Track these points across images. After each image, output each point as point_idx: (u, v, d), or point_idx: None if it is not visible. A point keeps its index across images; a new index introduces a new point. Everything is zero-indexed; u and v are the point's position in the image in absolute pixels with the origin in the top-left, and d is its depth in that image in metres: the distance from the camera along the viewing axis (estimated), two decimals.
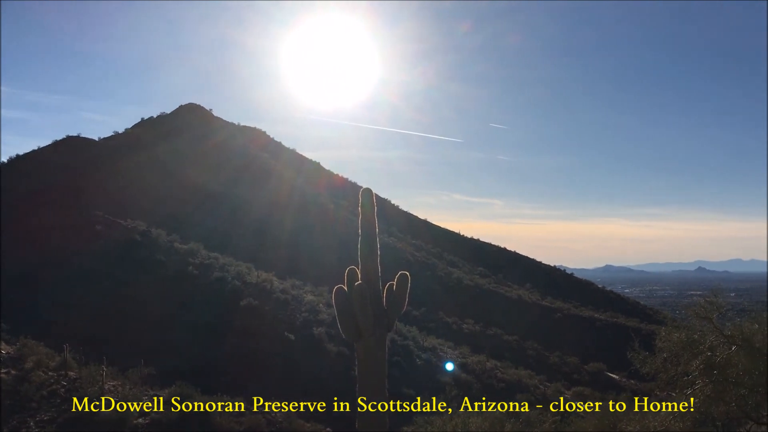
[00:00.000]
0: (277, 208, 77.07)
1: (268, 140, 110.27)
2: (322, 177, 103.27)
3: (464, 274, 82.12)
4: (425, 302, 60.31)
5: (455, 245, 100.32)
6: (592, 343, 65.03)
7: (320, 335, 38.86)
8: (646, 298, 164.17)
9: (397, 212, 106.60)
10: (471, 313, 65.22)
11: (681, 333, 12.18)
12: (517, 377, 44.59)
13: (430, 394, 34.14)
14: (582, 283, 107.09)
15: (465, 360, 45.00)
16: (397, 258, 70.47)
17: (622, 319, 79.35)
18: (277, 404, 25.38)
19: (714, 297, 12.35)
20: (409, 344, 42.49)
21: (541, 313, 74.54)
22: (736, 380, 11.47)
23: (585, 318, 76.60)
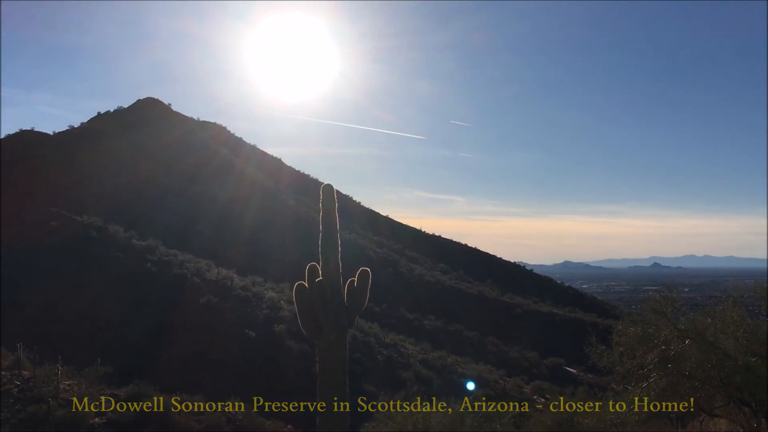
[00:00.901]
0: (237, 204, 76.34)
1: (228, 136, 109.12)
2: (284, 173, 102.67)
3: (426, 271, 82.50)
4: (387, 298, 60.41)
5: (417, 242, 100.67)
6: (551, 338, 65.96)
7: (281, 332, 38.64)
8: (603, 294, 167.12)
9: (359, 209, 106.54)
10: (432, 310, 65.55)
11: (637, 327, 12.43)
12: (477, 372, 45.01)
13: (392, 390, 34.28)
14: (541, 279, 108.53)
15: (426, 356, 45.25)
16: (359, 254, 70.45)
17: (580, 314, 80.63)
18: (238, 402, 25.16)
19: (668, 292, 12.62)
20: (371, 341, 42.56)
21: (502, 309, 75.31)
22: (689, 373, 11.74)
23: (544, 313, 77.64)
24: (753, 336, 11.55)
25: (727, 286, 15.48)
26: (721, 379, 11.40)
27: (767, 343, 11.36)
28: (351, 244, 73.81)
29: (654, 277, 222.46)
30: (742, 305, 13.03)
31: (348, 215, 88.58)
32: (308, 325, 7.15)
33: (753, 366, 11.11)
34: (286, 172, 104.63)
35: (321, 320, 7.06)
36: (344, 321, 7.25)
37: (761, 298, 12.76)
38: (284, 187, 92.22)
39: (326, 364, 6.98)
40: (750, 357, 11.36)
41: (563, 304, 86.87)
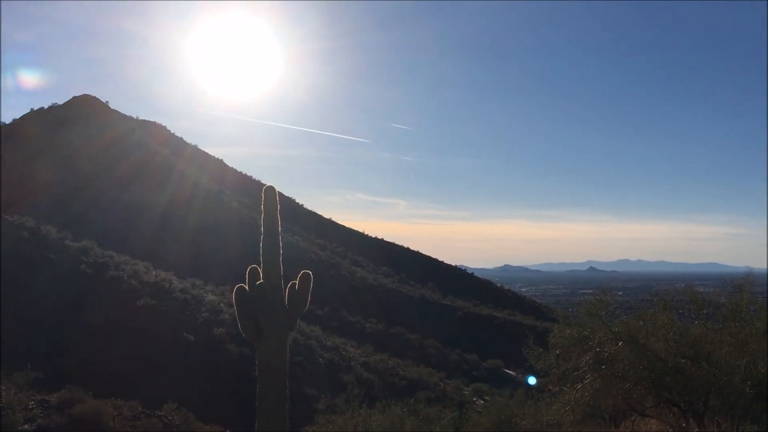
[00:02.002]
0: (178, 205, 74.89)
1: (169, 135, 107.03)
2: (227, 174, 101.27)
3: (368, 274, 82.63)
4: (329, 301, 60.24)
5: (360, 244, 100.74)
6: (490, 341, 66.97)
7: (221, 336, 38.06)
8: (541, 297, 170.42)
9: (302, 211, 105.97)
10: (374, 312, 65.70)
11: (572, 330, 12.74)
12: (418, 375, 45.33)
13: (333, 393, 34.24)
14: (482, 282, 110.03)
15: (367, 359, 45.31)
16: (302, 257, 70.02)
17: (519, 316, 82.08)
18: (175, 407, 24.69)
19: (603, 295, 12.98)
20: (312, 344, 42.35)
21: (443, 312, 76.05)
22: (622, 374, 12.08)
23: (484, 316, 78.73)
24: (682, 338, 11.97)
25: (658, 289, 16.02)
26: (652, 380, 11.77)
27: (695, 345, 11.79)
28: (294, 246, 73.33)
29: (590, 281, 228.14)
30: (672, 308, 13.51)
31: (291, 218, 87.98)
32: (248, 329, 7.09)
33: (682, 367, 11.52)
34: (229, 174, 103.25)
35: (261, 323, 7.01)
36: (285, 324, 7.22)
37: (690, 301, 13.24)
38: (227, 189, 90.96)
39: (266, 368, 6.94)
40: (679, 359, 11.76)
41: (503, 307, 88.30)
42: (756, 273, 13.55)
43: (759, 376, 11.24)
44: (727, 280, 13.10)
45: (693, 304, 12.89)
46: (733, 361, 11.26)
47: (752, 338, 11.87)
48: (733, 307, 12.33)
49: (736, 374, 10.93)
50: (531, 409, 17.81)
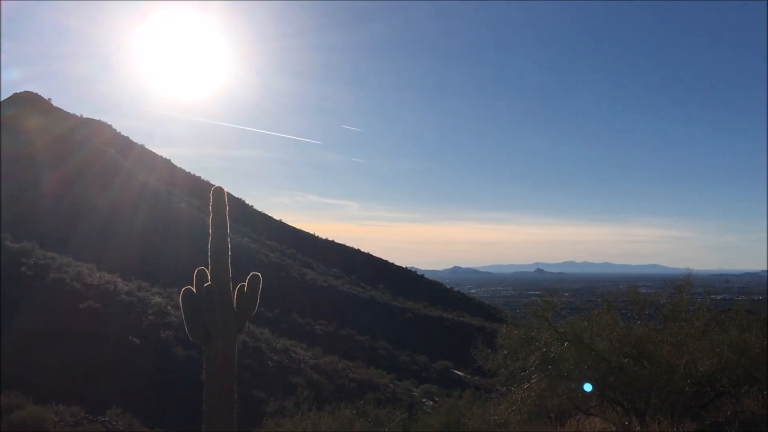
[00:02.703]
0: (124, 206, 73.20)
1: (114, 134, 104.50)
2: (176, 175, 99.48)
3: (319, 275, 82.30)
4: (279, 303, 59.78)
5: (310, 246, 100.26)
6: (440, 342, 67.42)
7: (168, 339, 37.39)
8: (490, 298, 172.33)
9: (252, 212, 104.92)
10: (325, 314, 65.48)
11: (520, 330, 12.95)
12: (368, 376, 45.36)
13: (282, 396, 33.98)
14: (432, 284, 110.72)
15: (317, 361, 45.12)
16: (251, 259, 69.31)
17: (468, 318, 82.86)
18: (119, 412, 24.16)
19: (550, 297, 13.24)
20: (261, 346, 41.95)
21: (393, 314, 76.27)
22: (567, 374, 12.33)
23: (434, 317, 79.24)
24: (625, 338, 12.29)
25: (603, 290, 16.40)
26: (596, 379, 12.05)
27: (638, 345, 12.11)
28: (243, 248, 72.52)
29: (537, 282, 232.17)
30: (616, 309, 13.85)
31: (241, 219, 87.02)
32: (195, 332, 6.98)
33: (625, 367, 11.82)
34: (178, 174, 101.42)
35: (209, 326, 6.91)
36: (233, 326, 7.14)
37: (633, 302, 13.60)
38: (176, 190, 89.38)
39: (213, 371, 6.85)
40: (622, 358, 12.07)
41: (452, 309, 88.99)
42: (695, 274, 13.99)
43: (698, 375, 11.62)
44: (668, 282, 13.50)
45: (635, 305, 13.24)
46: (673, 360, 11.61)
47: (691, 338, 12.26)
48: (674, 307, 12.72)
49: (676, 373, 11.27)
50: (479, 410, 18.01)
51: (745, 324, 12.41)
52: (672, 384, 11.22)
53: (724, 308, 16.69)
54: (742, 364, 11.72)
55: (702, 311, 13.02)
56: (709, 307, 13.86)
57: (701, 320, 12.77)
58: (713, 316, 13.35)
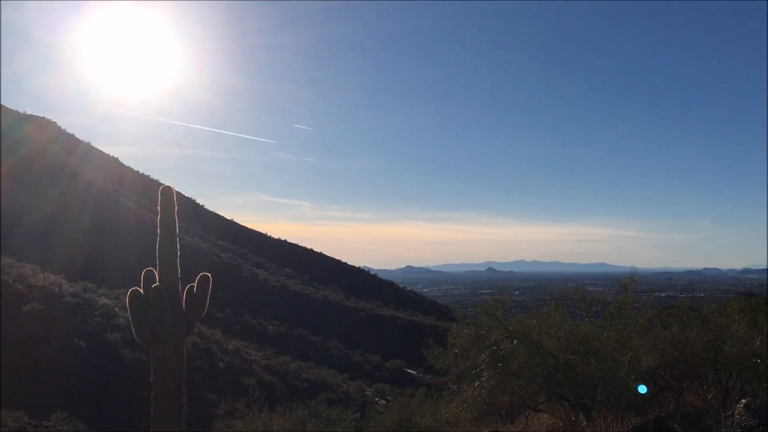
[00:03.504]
0: (69, 205, 71.34)
1: (59, 132, 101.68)
2: (123, 174, 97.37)
3: (271, 275, 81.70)
4: (231, 304, 59.15)
5: (262, 246, 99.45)
6: (393, 341, 67.65)
7: (115, 341, 36.64)
8: (442, 297, 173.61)
9: (203, 212, 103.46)
10: (277, 315, 65.08)
11: (470, 329, 13.10)
12: (321, 376, 45.28)
13: (233, 397, 33.63)
14: (384, 284, 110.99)
15: (269, 362, 44.82)
16: (202, 259, 68.36)
17: (420, 317, 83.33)
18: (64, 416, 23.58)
19: (499, 295, 13.44)
20: (213, 347, 41.48)
21: (346, 313, 76.23)
22: (517, 371, 12.52)
23: (387, 317, 79.49)
24: (572, 335, 12.55)
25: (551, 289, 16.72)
26: (545, 376, 12.27)
27: (584, 342, 12.39)
28: (193, 248, 71.49)
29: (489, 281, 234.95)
30: (564, 307, 14.14)
31: (192, 219, 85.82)
32: (143, 334, 6.85)
33: (572, 363, 12.07)
34: (127, 173, 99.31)
35: (157, 328, 6.79)
36: (182, 328, 7.03)
37: (580, 300, 13.90)
38: (124, 189, 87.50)
39: (161, 374, 6.74)
40: (570, 355, 12.32)
41: (405, 308, 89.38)
42: (641, 273, 14.39)
43: (642, 371, 11.95)
44: (614, 280, 13.85)
45: (583, 302, 13.54)
46: (618, 356, 11.92)
47: (636, 334, 12.60)
48: (619, 305, 13.05)
49: (621, 369, 11.57)
50: (431, 408, 18.15)
51: (686, 321, 12.82)
52: (617, 380, 11.51)
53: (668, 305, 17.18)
54: (683, 360, 12.11)
55: (646, 309, 13.39)
56: (652, 304, 14.27)
57: (645, 317, 13.12)
58: (656, 313, 13.74)
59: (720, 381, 11.81)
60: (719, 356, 11.84)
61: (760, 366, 12.02)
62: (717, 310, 13.22)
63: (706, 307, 14.07)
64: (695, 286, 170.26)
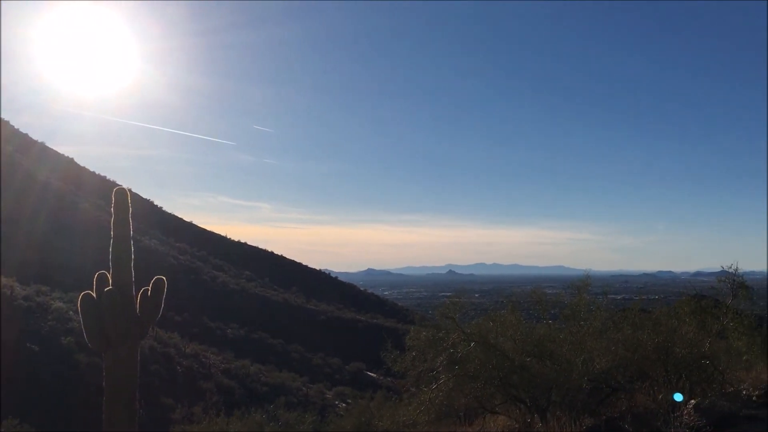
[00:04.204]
0: (22, 206, 69.59)
1: (12, 131, 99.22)
2: (79, 175, 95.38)
3: (230, 278, 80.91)
4: (189, 307, 58.41)
5: (221, 249, 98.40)
6: (353, 344, 67.60)
7: (70, 345, 35.87)
8: (403, 300, 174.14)
9: (162, 214, 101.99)
10: (236, 318, 64.49)
11: (428, 332, 13.20)
12: (280, 380, 45.03)
13: (191, 402, 33.25)
14: (345, 286, 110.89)
15: (228, 365, 44.40)
16: (160, 262, 67.36)
17: (381, 320, 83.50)
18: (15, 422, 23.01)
19: (457, 298, 13.57)
20: (170, 351, 40.91)
21: (306, 316, 75.92)
22: (474, 374, 12.65)
23: (347, 320, 79.42)
24: (528, 338, 12.74)
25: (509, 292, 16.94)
26: (501, 378, 12.42)
27: (540, 344, 12.58)
28: (151, 251, 70.45)
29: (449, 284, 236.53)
30: (520, 310, 14.34)
31: (149, 221, 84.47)
32: (95, 338, 6.76)
33: (527, 365, 12.24)
34: (83, 174, 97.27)
35: (109, 332, 6.71)
36: (136, 332, 6.95)
37: (537, 302, 14.12)
38: (80, 190, 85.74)
39: (114, 379, 6.65)
40: (525, 357, 12.50)
41: (366, 311, 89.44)
42: (598, 275, 14.70)
43: (595, 372, 12.19)
44: (569, 283, 14.12)
45: (539, 305, 13.76)
46: (572, 358, 12.13)
47: (590, 336, 12.85)
48: (573, 307, 13.31)
49: (575, 370, 11.79)
50: (390, 411, 18.21)
51: (638, 323, 13.11)
52: (571, 381, 11.72)
53: (623, 307, 17.51)
54: (635, 361, 12.38)
55: (600, 311, 13.67)
56: (607, 306, 14.57)
57: (599, 319, 13.39)
58: (610, 316, 14.03)
59: (670, 382, 12.09)
60: (669, 357, 12.13)
61: (709, 367, 12.35)
62: (668, 313, 13.56)
63: (657, 310, 14.42)
64: (650, 289, 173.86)
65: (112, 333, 6.70)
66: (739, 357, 13.94)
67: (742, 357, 14.19)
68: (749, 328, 14.17)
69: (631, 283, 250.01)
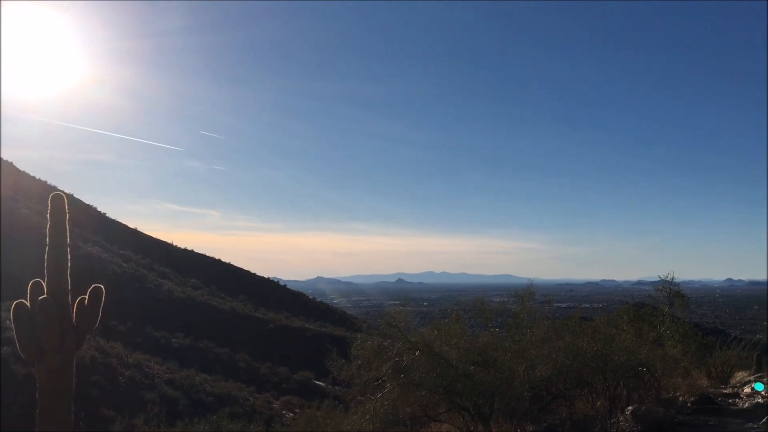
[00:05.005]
0: None
1: None
2: (19, 179, 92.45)
3: (176, 286, 79.46)
4: (133, 316, 57.08)
5: (167, 256, 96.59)
6: (302, 353, 67.08)
7: (6, 355, 34.67)
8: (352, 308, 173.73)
9: (105, 220, 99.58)
10: (182, 327, 63.31)
11: (374, 340, 13.23)
12: (227, 390, 44.39)
13: (132, 413, 32.52)
14: (294, 295, 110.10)
15: (173, 375, 43.57)
16: (103, 269, 65.69)
17: (330, 328, 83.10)
18: None
19: (403, 306, 13.65)
20: (112, 361, 39.93)
21: (254, 325, 75.06)
22: (419, 382, 12.73)
23: (296, 328, 78.79)
24: (472, 346, 12.90)
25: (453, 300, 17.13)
26: (445, 386, 12.53)
27: (483, 352, 12.74)
28: (94, 258, 68.66)
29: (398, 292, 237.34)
30: (466, 318, 14.51)
31: (92, 227, 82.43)
32: (28, 348, 6.58)
33: (471, 374, 12.38)
34: (24, 179, 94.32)
35: (43, 342, 6.54)
36: (71, 342, 6.79)
37: (481, 311, 14.31)
38: (20, 195, 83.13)
39: (47, 390, 6.49)
40: (469, 366, 12.64)
41: (315, 319, 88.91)
42: (543, 284, 15.02)
43: (536, 380, 12.41)
44: (511, 292, 14.36)
45: (482, 314, 13.94)
46: (514, 366, 12.33)
47: (532, 345, 13.08)
48: (515, 316, 13.53)
49: (517, 378, 11.98)
50: (336, 420, 18.15)
51: (578, 330, 13.41)
52: (513, 389, 11.90)
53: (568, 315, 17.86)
54: (575, 369, 12.66)
55: (541, 319, 13.93)
56: (547, 315, 14.86)
57: (541, 328, 13.64)
58: (552, 324, 14.31)
59: (608, 389, 12.39)
60: (608, 365, 12.44)
61: (646, 374, 12.71)
62: (607, 321, 13.90)
63: (597, 318, 14.77)
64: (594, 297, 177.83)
65: (45, 343, 6.54)
66: (675, 364, 14.40)
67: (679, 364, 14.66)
68: (684, 335, 14.65)
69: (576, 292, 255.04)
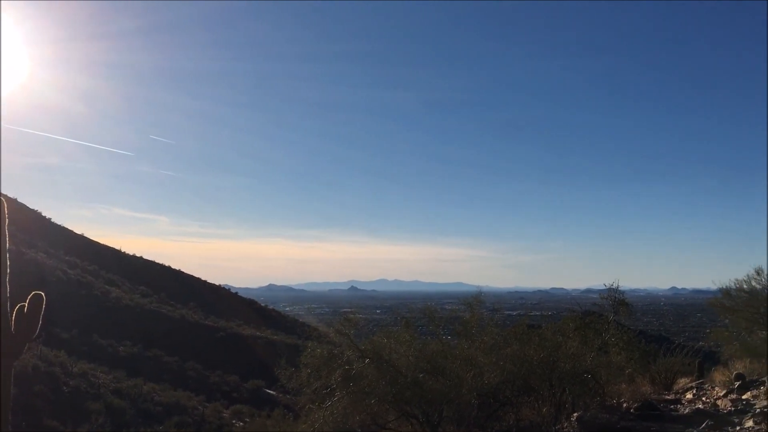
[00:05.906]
0: None
1: None
2: None
3: (124, 293, 77.82)
4: (79, 324, 55.65)
5: (115, 262, 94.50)
6: (253, 361, 66.40)
7: None
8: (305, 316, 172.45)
9: (50, 225, 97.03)
10: (130, 335, 61.97)
11: (323, 348, 13.21)
12: (175, 399, 43.64)
13: (76, 424, 31.74)
14: (246, 302, 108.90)
15: (119, 385, 42.64)
16: (48, 276, 63.89)
17: (282, 336, 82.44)
18: None
19: (353, 314, 13.68)
20: (56, 370, 38.84)
21: (204, 333, 73.98)
22: (368, 390, 12.75)
23: (247, 336, 77.93)
24: (421, 354, 12.99)
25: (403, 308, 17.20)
26: (394, 394, 12.58)
27: (432, 360, 12.85)
28: (38, 264, 66.77)
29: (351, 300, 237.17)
30: (417, 326, 14.61)
31: (36, 233, 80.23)
32: None
33: (420, 381, 12.47)
34: None
35: None
36: (10, 351, 6.62)
37: (431, 319, 14.43)
38: None
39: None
40: (418, 373, 12.72)
41: (266, 327, 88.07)
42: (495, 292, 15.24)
43: (484, 387, 12.56)
44: (462, 300, 14.52)
45: (431, 322, 14.06)
46: (462, 373, 12.46)
47: (481, 352, 13.24)
48: (464, 324, 13.68)
49: (465, 386, 12.10)
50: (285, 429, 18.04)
51: (526, 338, 13.63)
52: (461, 396, 12.02)
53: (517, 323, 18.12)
54: (522, 376, 12.86)
55: (491, 327, 14.11)
56: (499, 322, 15.06)
57: (490, 335, 13.81)
58: (501, 332, 14.50)
59: (554, 396, 12.62)
60: (554, 372, 12.67)
61: (591, 381, 12.98)
62: (554, 329, 14.16)
63: (544, 326, 15.04)
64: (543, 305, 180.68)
65: None
66: (620, 371, 14.74)
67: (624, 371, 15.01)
68: (628, 343, 15.01)
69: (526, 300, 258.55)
